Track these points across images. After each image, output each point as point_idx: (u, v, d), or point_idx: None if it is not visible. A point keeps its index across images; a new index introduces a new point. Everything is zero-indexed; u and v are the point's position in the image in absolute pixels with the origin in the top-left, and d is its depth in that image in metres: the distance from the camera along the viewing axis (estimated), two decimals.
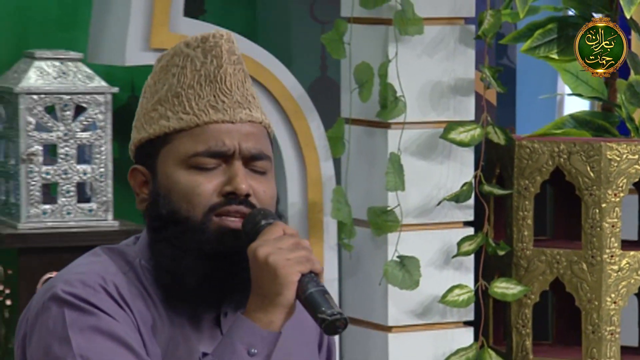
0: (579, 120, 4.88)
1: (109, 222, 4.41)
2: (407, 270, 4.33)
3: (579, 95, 5.24)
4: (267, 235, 2.17)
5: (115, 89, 4.47)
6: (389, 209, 4.35)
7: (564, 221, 4.84)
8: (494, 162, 4.73)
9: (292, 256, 2.12)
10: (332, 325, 2.06)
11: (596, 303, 4.48)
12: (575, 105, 5.51)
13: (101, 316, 2.25)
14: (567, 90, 5.27)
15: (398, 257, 4.31)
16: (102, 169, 4.42)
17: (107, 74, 4.63)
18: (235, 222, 2.22)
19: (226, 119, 2.25)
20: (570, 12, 4.89)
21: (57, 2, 4.80)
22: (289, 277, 2.12)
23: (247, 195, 2.22)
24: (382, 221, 4.36)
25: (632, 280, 4.51)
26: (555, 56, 4.74)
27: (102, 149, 4.44)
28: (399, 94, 4.28)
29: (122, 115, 4.85)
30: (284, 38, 5.03)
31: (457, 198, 4.39)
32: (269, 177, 2.32)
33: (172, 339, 2.35)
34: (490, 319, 4.78)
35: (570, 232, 4.73)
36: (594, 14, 4.94)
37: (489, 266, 4.61)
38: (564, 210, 4.79)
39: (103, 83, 4.41)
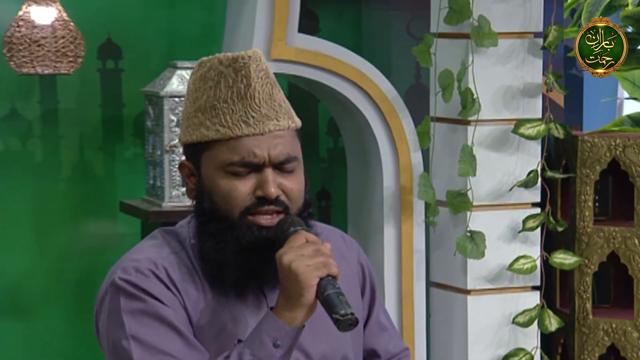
0: (634, 119, 5.00)
1: None
2: (475, 242, 4.42)
3: (635, 99, 5.28)
4: (292, 242, 2.35)
5: None
6: (462, 192, 4.44)
7: (621, 204, 4.95)
8: (562, 154, 4.87)
9: (312, 262, 2.32)
10: (345, 323, 2.29)
11: (636, 242, 4.66)
12: (633, 107, 5.44)
13: (150, 301, 2.46)
14: (626, 94, 5.42)
15: (468, 232, 4.43)
16: None
17: None
18: (267, 220, 2.42)
19: (256, 132, 2.42)
20: (629, 29, 4.94)
21: (198, 23, 5.00)
22: (309, 281, 2.32)
23: (277, 198, 2.42)
24: (458, 202, 4.45)
25: None
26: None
27: None
28: (475, 96, 4.38)
29: None
30: (385, 51, 5.13)
31: (526, 184, 4.52)
32: (296, 173, 2.49)
33: (218, 312, 2.55)
34: (557, 286, 4.95)
35: (625, 214, 4.85)
36: None
37: (554, 241, 4.73)
38: (621, 195, 4.90)
39: None
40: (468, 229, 4.46)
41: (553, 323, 4.54)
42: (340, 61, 4.48)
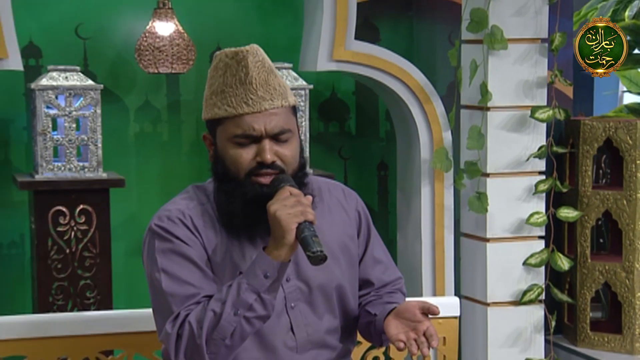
0: (630, 108, 5.19)
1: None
2: (480, 201, 4.57)
3: (630, 92, 5.44)
4: (278, 195, 2.50)
5: (310, 86, 4.73)
6: (474, 162, 4.60)
7: (613, 173, 5.05)
8: (569, 134, 4.98)
9: (292, 211, 2.45)
10: (316, 258, 2.42)
11: (632, 226, 4.76)
12: (631, 98, 5.61)
13: (177, 242, 2.61)
14: (624, 88, 5.57)
15: (477, 193, 4.58)
16: (302, 137, 4.28)
17: (316, 78, 5.05)
18: (266, 179, 2.57)
19: (254, 110, 2.56)
20: (627, 38, 4.78)
21: (285, 34, 5.15)
22: (289, 225, 2.44)
23: (273, 162, 2.56)
24: (471, 170, 4.61)
25: None
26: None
27: (302, 123, 4.62)
28: (490, 88, 4.51)
29: (325, 104, 5.40)
30: (431, 56, 5.24)
31: (539, 156, 4.61)
32: (291, 142, 2.62)
33: (230, 251, 2.67)
34: (564, 238, 5.01)
35: (616, 180, 4.95)
36: None
37: (560, 202, 4.81)
38: (613, 166, 5.01)
39: (303, 82, 4.68)
40: (477, 190, 4.58)
41: (565, 263, 4.67)
42: (386, 61, 4.60)
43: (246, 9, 5.21)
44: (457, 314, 3.44)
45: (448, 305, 3.39)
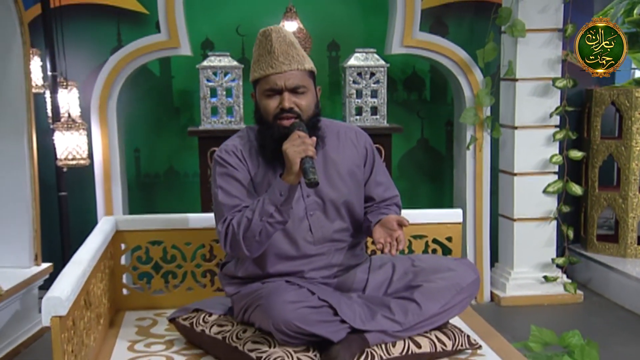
0: (637, 81, 5.31)
1: (385, 124, 4.76)
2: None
3: (638, 69, 5.44)
4: (290, 137, 2.53)
5: (388, 64, 4.75)
6: (495, 120, 4.87)
7: (616, 127, 5.30)
8: (586, 100, 5.27)
9: (297, 149, 2.48)
10: (310, 183, 2.43)
11: (627, 165, 5.07)
12: None
13: (229, 168, 2.68)
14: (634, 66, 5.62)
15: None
16: (381, 101, 4.77)
17: (393, 59, 5.04)
18: (285, 122, 2.61)
19: (276, 72, 2.60)
20: (633, 30, 5.01)
21: (379, 29, 5.13)
22: (294, 159, 2.47)
23: (291, 109, 2.60)
24: (497, 125, 4.87)
25: None
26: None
27: (381, 91, 4.76)
28: (518, 65, 4.72)
29: (408, 79, 5.38)
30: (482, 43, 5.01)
31: (558, 113, 4.81)
32: (306, 95, 2.63)
33: (266, 175, 2.69)
34: (582, 174, 5.21)
35: (618, 132, 5.19)
36: None
37: (572, 147, 4.96)
38: (619, 122, 5.18)
39: (381, 62, 4.75)
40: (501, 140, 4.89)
41: (578, 189, 4.88)
42: (438, 44, 4.87)
43: (352, 10, 5.25)
44: (460, 220, 3.46)
45: (455, 214, 3.48)
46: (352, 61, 4.83)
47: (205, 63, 4.75)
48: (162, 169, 5.39)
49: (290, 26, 4.84)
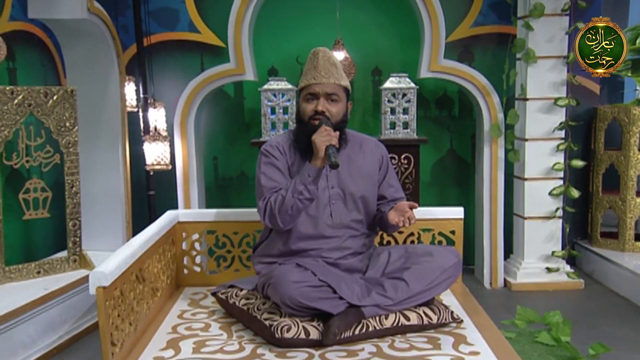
0: (639, 100, 5.16)
1: (415, 136, 4.72)
2: (514, 154, 4.77)
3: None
4: (318, 130, 2.64)
5: (417, 87, 4.72)
6: (515, 132, 4.80)
7: (617, 139, 5.09)
8: (593, 117, 5.16)
9: (324, 138, 2.59)
10: (332, 165, 2.52)
11: (626, 172, 4.95)
12: None
13: (272, 158, 2.76)
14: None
15: (514, 150, 4.76)
16: (411, 117, 4.73)
17: (428, 82, 5.12)
18: (317, 121, 2.70)
19: (317, 82, 2.70)
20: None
21: (414, 57, 5.08)
22: (321, 147, 2.59)
23: (323, 112, 2.69)
24: (510, 134, 4.81)
25: None
26: (629, 74, 4.97)
27: (411, 109, 4.72)
28: (528, 87, 4.67)
29: (439, 98, 5.30)
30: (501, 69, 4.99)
31: (561, 127, 4.73)
32: (338, 104, 2.71)
33: (301, 166, 2.74)
34: (590, 180, 5.16)
35: (619, 144, 5.00)
36: None
37: (575, 157, 4.87)
38: (618, 135, 5.03)
39: (412, 84, 4.73)
40: (514, 149, 4.82)
41: (575, 193, 4.79)
42: (462, 71, 4.84)
43: (392, 41, 5.23)
44: (462, 217, 3.43)
45: (457, 212, 3.45)
46: (388, 84, 4.83)
47: (266, 86, 4.83)
48: (235, 173, 5.46)
49: (339, 56, 4.86)
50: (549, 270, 4.86)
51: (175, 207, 4.96)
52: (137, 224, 4.88)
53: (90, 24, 4.28)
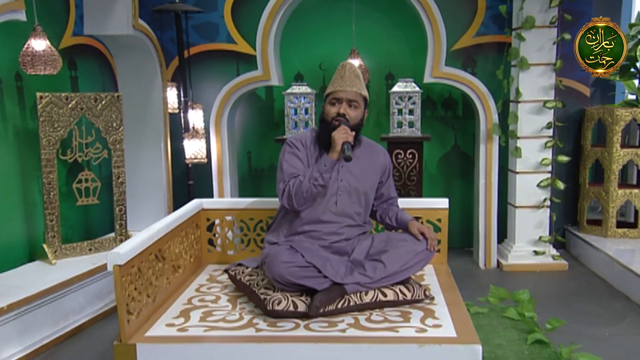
0: (626, 102, 5.07)
1: (419, 134, 4.71)
2: (517, 151, 4.67)
3: (632, 93, 5.07)
4: (337, 129, 2.71)
5: (421, 90, 4.71)
6: (513, 130, 4.66)
7: (603, 137, 5.07)
8: (582, 117, 5.08)
9: (341, 135, 2.67)
10: (346, 158, 2.61)
11: (609, 167, 4.86)
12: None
13: (295, 149, 2.81)
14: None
15: (516, 147, 4.67)
16: (416, 117, 4.73)
17: (435, 86, 5.03)
18: (337, 122, 2.75)
19: (342, 89, 2.75)
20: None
21: (423, 63, 4.95)
22: (338, 142, 2.66)
23: (344, 114, 2.74)
24: (512, 134, 4.70)
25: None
26: (618, 78, 4.91)
27: (416, 110, 4.71)
28: (521, 90, 4.61)
29: (445, 100, 5.23)
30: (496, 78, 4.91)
31: (549, 126, 4.65)
32: (357, 109, 2.76)
33: (319, 158, 2.80)
34: (579, 174, 5.12)
35: (604, 142, 4.94)
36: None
37: (561, 153, 4.88)
38: (603, 133, 5.00)
39: (417, 88, 4.70)
40: (516, 146, 4.75)
41: (561, 185, 4.75)
42: (460, 77, 4.76)
43: (403, 49, 5.18)
44: (447, 207, 3.42)
45: (442, 202, 3.44)
46: (396, 88, 4.83)
47: (289, 90, 4.87)
48: (266, 166, 5.47)
49: (355, 62, 4.84)
50: (536, 253, 4.84)
51: (211, 195, 5.01)
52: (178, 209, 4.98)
53: (135, 38, 4.40)
